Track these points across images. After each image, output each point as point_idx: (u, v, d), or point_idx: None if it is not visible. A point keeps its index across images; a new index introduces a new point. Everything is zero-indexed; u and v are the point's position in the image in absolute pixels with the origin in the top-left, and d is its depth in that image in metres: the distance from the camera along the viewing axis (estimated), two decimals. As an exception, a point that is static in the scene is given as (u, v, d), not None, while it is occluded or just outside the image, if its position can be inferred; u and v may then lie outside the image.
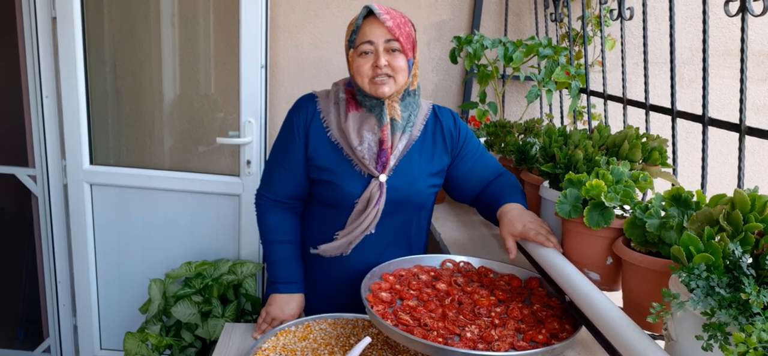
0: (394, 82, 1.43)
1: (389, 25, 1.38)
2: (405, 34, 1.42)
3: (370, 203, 1.45)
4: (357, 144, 1.44)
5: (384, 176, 1.46)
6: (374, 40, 1.39)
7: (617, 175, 1.27)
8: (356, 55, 1.42)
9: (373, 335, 1.34)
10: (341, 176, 1.47)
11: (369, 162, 1.45)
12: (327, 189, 1.49)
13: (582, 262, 1.28)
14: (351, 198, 1.47)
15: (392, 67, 1.40)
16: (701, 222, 0.99)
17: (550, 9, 2.37)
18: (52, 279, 2.70)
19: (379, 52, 1.39)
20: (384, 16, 1.39)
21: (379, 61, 1.39)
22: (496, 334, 1.19)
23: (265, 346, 1.30)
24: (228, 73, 2.50)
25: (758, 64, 2.62)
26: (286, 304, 1.52)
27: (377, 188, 1.45)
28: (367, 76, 1.42)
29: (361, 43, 1.40)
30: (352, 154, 1.46)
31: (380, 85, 1.41)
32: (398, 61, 1.41)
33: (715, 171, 2.66)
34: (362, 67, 1.41)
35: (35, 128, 2.55)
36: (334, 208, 1.51)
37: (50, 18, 2.42)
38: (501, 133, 2.06)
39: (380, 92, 1.42)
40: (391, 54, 1.41)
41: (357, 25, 1.41)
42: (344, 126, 1.46)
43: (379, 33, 1.39)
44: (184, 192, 2.51)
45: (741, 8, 1.27)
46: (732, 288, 0.85)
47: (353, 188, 1.47)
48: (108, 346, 2.70)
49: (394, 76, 1.42)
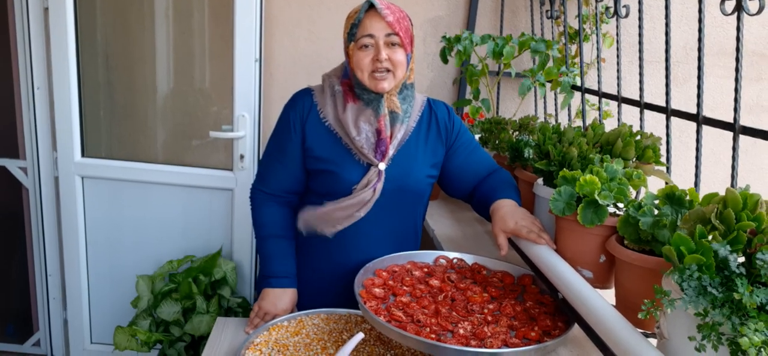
0: (393, 77, 1.45)
1: (390, 20, 1.40)
2: (404, 28, 1.44)
3: (368, 186, 1.47)
4: (355, 135, 1.46)
5: (383, 164, 1.48)
6: (375, 33, 1.41)
7: (611, 173, 1.27)
8: (356, 48, 1.44)
9: (366, 331, 1.34)
10: (340, 164, 1.48)
11: (368, 151, 1.47)
12: (326, 178, 1.50)
13: (575, 260, 1.28)
14: (349, 185, 1.49)
15: (392, 61, 1.42)
16: (694, 221, 0.99)
17: (546, 6, 2.37)
18: (43, 272, 2.68)
19: (380, 46, 1.41)
20: (385, 11, 1.40)
21: (380, 55, 1.41)
22: (489, 331, 1.19)
23: (258, 341, 1.29)
24: (222, 67, 2.48)
25: (752, 64, 2.63)
26: (279, 299, 1.52)
27: (375, 175, 1.47)
28: (368, 70, 1.43)
29: (361, 36, 1.42)
30: (350, 143, 1.48)
31: (380, 80, 1.43)
32: (398, 55, 1.43)
33: (709, 170, 2.66)
34: (362, 60, 1.43)
35: (26, 120, 2.53)
36: (332, 198, 1.52)
37: (42, 9, 2.39)
38: (495, 130, 2.06)
39: (380, 88, 1.44)
40: (391, 48, 1.43)
41: (358, 19, 1.42)
42: (342, 117, 1.48)
43: (379, 27, 1.41)
44: (177, 186, 2.50)
45: (737, 7, 1.27)
46: (724, 287, 0.85)
47: (352, 175, 1.48)
48: (98, 340, 2.68)
49: (393, 70, 1.44)
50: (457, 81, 2.58)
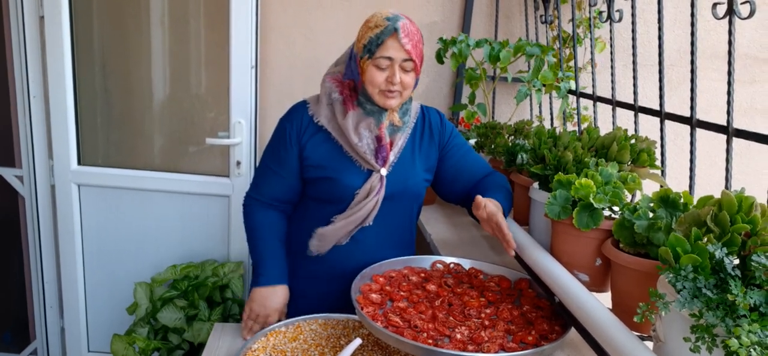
0: (401, 97, 1.49)
1: (408, 48, 1.43)
2: (418, 53, 1.47)
3: (371, 193, 1.49)
4: (356, 141, 1.48)
5: (385, 170, 1.50)
6: (394, 57, 1.43)
7: (606, 176, 1.28)
8: (372, 65, 1.45)
9: (364, 336, 1.34)
10: (340, 170, 1.50)
11: (370, 157, 1.49)
12: (326, 185, 1.52)
13: (571, 263, 1.29)
14: (351, 191, 1.50)
15: (403, 83, 1.46)
16: (689, 224, 1.00)
17: (540, 11, 2.38)
18: (39, 280, 2.67)
19: (396, 70, 1.44)
20: (404, 40, 1.42)
21: (394, 79, 1.44)
22: (486, 335, 1.19)
23: (255, 347, 1.29)
24: (218, 73, 2.48)
25: (745, 67, 2.65)
26: (267, 298, 1.51)
27: (378, 181, 1.50)
28: (379, 88, 1.46)
29: (380, 57, 1.44)
30: (351, 150, 1.50)
31: (390, 98, 1.47)
32: (409, 78, 1.47)
33: (703, 173, 2.67)
34: (377, 78, 1.45)
35: (22, 128, 2.52)
36: (332, 204, 1.53)
37: (38, 17, 2.39)
38: (491, 134, 2.07)
39: (388, 105, 1.48)
40: (405, 72, 1.46)
41: (381, 40, 1.42)
42: (343, 123, 1.50)
43: (399, 52, 1.43)
44: (173, 193, 2.49)
45: (728, 11, 1.28)
46: (719, 289, 0.85)
47: (353, 181, 1.50)
48: (96, 349, 2.67)
49: (402, 92, 1.48)
50: (455, 85, 2.59)
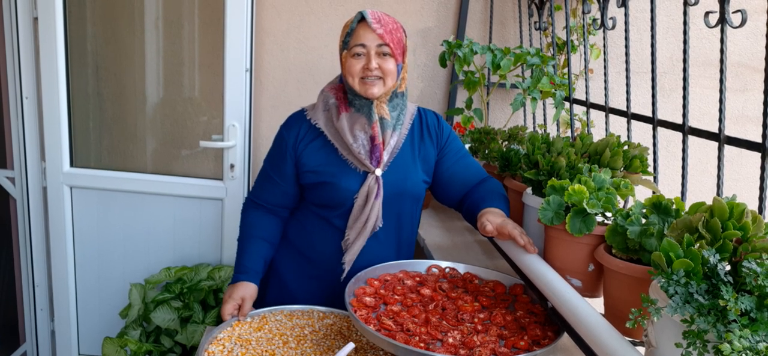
0: (383, 84, 1.49)
1: (380, 33, 1.45)
2: (396, 39, 1.48)
3: (370, 196, 1.50)
4: (352, 142, 1.49)
5: (379, 170, 1.51)
6: (367, 44, 1.46)
7: (599, 182, 1.29)
8: (349, 56, 1.49)
9: (357, 340, 1.34)
10: (337, 175, 1.51)
11: (365, 158, 1.49)
12: (324, 190, 1.53)
13: (564, 269, 1.29)
14: (349, 194, 1.51)
15: (382, 69, 1.47)
16: (681, 230, 1.00)
17: (535, 18, 2.39)
18: (30, 282, 2.65)
19: (371, 56, 1.46)
20: (375, 24, 1.45)
21: (370, 64, 1.46)
22: (478, 340, 1.19)
23: (221, 336, 1.34)
24: (212, 76, 2.48)
25: (737, 75, 2.67)
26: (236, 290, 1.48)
27: (374, 182, 1.50)
28: (358, 76, 1.48)
29: (354, 45, 1.47)
30: (347, 153, 1.51)
31: (370, 85, 1.48)
32: (388, 64, 1.48)
33: (695, 179, 2.70)
34: (353, 67, 1.48)
35: (14, 130, 2.51)
36: (331, 208, 1.54)
37: (31, 18, 2.38)
38: (485, 139, 2.07)
39: (369, 93, 1.48)
40: (382, 58, 1.47)
41: (351, 28, 1.48)
42: (338, 125, 1.51)
43: (371, 38, 1.46)
44: (167, 196, 2.48)
45: (720, 20, 1.29)
46: (710, 294, 0.86)
47: (350, 184, 1.51)
48: (86, 352, 2.65)
49: (383, 78, 1.49)
50: (449, 90, 2.60)
